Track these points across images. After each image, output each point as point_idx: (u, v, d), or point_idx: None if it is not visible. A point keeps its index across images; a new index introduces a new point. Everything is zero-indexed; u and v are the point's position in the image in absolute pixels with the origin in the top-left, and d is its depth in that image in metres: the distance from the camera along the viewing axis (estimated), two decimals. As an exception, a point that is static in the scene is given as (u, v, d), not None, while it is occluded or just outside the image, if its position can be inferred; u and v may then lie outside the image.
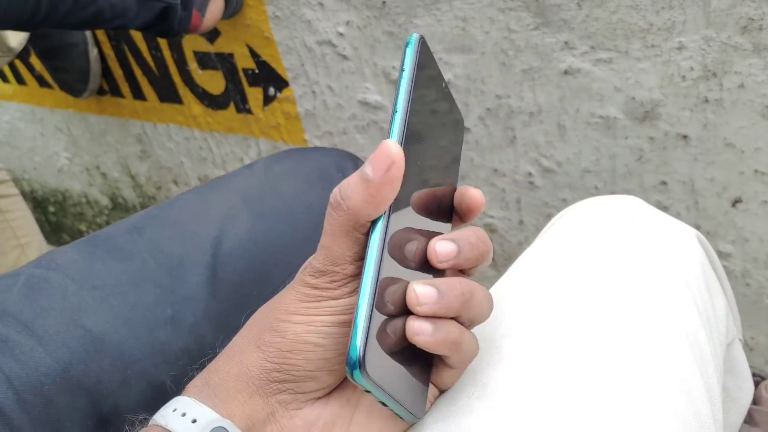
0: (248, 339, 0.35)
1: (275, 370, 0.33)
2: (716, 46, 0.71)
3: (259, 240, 0.58)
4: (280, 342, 0.33)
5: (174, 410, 0.33)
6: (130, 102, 1.28)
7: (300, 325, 0.33)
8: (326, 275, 0.33)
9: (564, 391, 0.37)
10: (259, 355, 0.33)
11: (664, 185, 0.84)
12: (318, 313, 0.33)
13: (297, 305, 0.33)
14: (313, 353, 0.33)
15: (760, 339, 0.90)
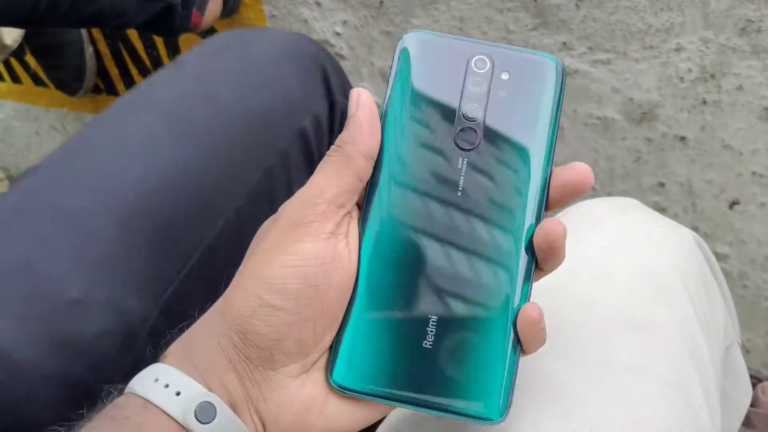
0: (219, 304, 0.32)
1: (240, 341, 0.30)
2: (714, 47, 0.71)
3: (190, 166, 0.50)
4: (243, 306, 0.30)
5: (156, 380, 0.30)
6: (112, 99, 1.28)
7: (260, 282, 0.30)
8: (302, 217, 0.30)
9: (562, 395, 0.36)
10: (226, 323, 0.30)
11: (662, 186, 0.84)
12: (283, 264, 0.30)
13: (261, 256, 0.30)
14: (274, 317, 0.29)
15: (757, 341, 0.90)
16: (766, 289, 0.85)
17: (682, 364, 0.40)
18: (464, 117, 0.33)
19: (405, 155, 0.34)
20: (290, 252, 0.30)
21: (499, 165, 0.34)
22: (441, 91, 0.34)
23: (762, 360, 0.92)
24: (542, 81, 0.33)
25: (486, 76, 0.34)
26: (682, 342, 0.41)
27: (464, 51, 0.34)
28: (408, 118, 0.34)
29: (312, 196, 0.31)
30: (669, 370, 0.39)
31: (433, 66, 0.34)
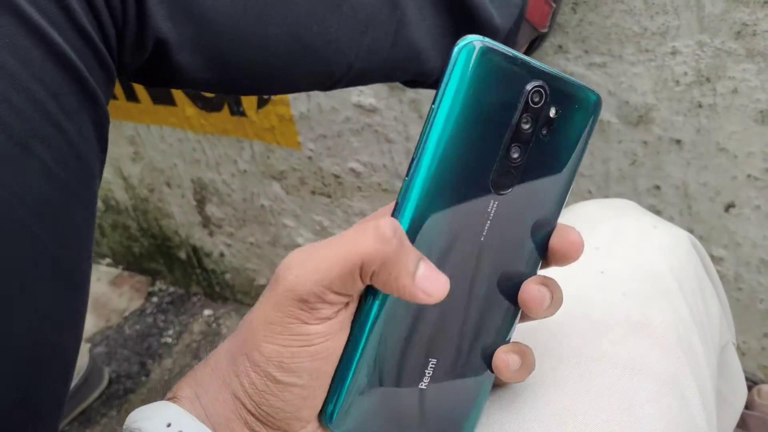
0: (230, 354, 0.31)
1: (256, 410, 0.30)
2: (710, 51, 0.71)
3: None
4: (255, 379, 0.29)
5: (168, 425, 0.29)
6: (124, 103, 1.28)
7: (270, 360, 0.29)
8: (307, 302, 0.29)
9: (558, 395, 0.36)
10: (239, 387, 0.30)
11: (658, 189, 0.84)
12: (288, 344, 0.29)
13: (266, 329, 0.29)
14: (289, 393, 0.29)
15: (752, 343, 0.91)
16: (761, 292, 0.85)
17: (678, 364, 0.40)
18: (507, 158, 0.30)
19: (439, 189, 0.30)
20: (295, 333, 0.29)
21: (524, 210, 0.32)
22: (491, 121, 0.30)
23: (757, 362, 0.92)
24: (583, 118, 0.31)
25: (538, 112, 0.30)
26: (678, 342, 0.41)
27: (524, 74, 0.30)
28: (451, 145, 0.29)
29: (319, 280, 0.28)
30: (664, 370, 0.39)
31: (490, 87, 0.29)
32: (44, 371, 0.40)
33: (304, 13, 0.48)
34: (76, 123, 0.38)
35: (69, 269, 0.40)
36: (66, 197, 0.39)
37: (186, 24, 0.43)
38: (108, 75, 0.41)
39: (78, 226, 0.40)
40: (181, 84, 0.47)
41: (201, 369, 0.32)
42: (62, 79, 0.37)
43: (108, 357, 1.45)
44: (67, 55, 0.37)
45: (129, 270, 1.70)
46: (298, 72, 0.51)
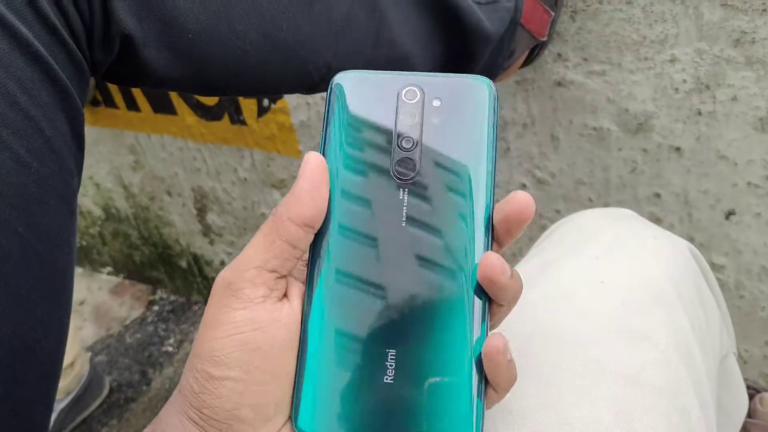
0: (181, 381, 0.31)
1: (198, 417, 0.30)
2: (709, 58, 0.71)
3: None
4: (193, 383, 0.30)
5: None
6: (124, 113, 1.28)
7: (203, 357, 0.30)
8: (232, 285, 0.30)
9: (557, 405, 0.36)
10: (183, 401, 0.30)
11: (658, 197, 0.84)
12: (216, 335, 0.30)
13: (201, 332, 0.30)
14: (223, 388, 0.29)
15: (754, 351, 0.90)
16: (762, 299, 0.85)
17: (678, 374, 0.40)
18: (400, 148, 0.33)
19: (346, 192, 0.33)
20: (223, 322, 0.30)
21: (440, 194, 0.33)
22: (375, 126, 0.34)
23: (759, 370, 0.92)
24: (474, 104, 0.34)
25: (417, 106, 0.34)
26: (677, 352, 0.41)
27: (394, 84, 0.34)
28: (345, 155, 0.34)
29: (241, 263, 0.31)
30: (664, 381, 0.39)
31: (365, 102, 0.34)
32: (29, 369, 0.39)
33: (270, 10, 0.49)
34: (48, 116, 0.39)
35: (49, 262, 0.40)
36: (41, 189, 0.39)
37: (149, 20, 0.44)
38: (79, 71, 0.41)
39: (55, 219, 0.40)
40: (154, 83, 0.48)
41: (162, 410, 0.32)
42: (32, 73, 0.37)
43: (109, 366, 1.44)
44: (36, 48, 0.37)
45: (130, 278, 1.70)
46: (272, 71, 0.52)
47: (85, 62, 0.42)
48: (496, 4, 0.67)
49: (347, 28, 0.54)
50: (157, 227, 1.50)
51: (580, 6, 0.75)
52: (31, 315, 0.39)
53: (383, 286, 0.32)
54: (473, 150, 0.34)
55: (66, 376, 1.27)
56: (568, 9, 0.76)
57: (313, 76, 0.54)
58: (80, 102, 0.42)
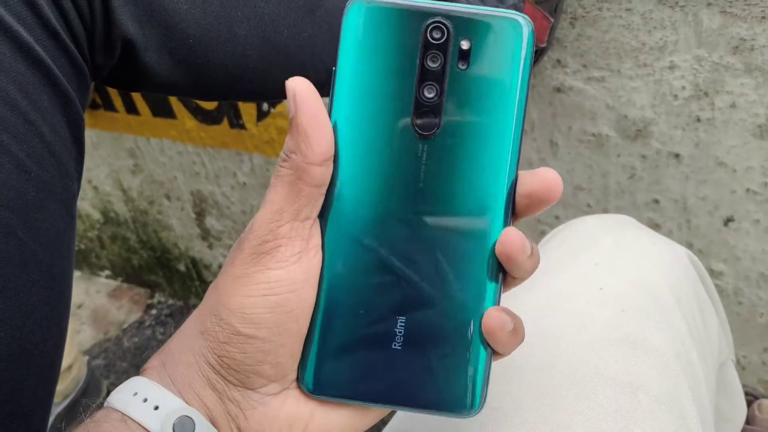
0: (194, 322, 0.31)
1: (218, 363, 0.30)
2: (708, 65, 0.71)
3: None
4: (218, 332, 0.30)
5: (134, 394, 0.30)
6: (124, 116, 1.28)
7: (233, 312, 0.29)
8: (266, 242, 0.29)
9: (556, 412, 0.36)
10: (203, 344, 0.30)
11: (657, 203, 0.84)
12: (249, 293, 0.29)
13: (230, 284, 0.30)
14: (249, 345, 0.29)
15: (753, 358, 0.90)
16: (761, 306, 0.85)
17: (676, 381, 0.40)
18: (421, 99, 0.30)
19: (360, 148, 0.30)
20: (257, 281, 0.29)
21: (462, 153, 0.30)
22: (394, 70, 0.30)
23: (758, 377, 0.92)
24: (508, 47, 0.30)
25: (444, 48, 0.30)
26: (676, 359, 0.41)
27: (418, 16, 0.30)
28: (357, 102, 0.30)
29: (272, 218, 0.29)
30: (662, 387, 0.39)
31: (383, 37, 0.30)
32: (27, 373, 0.39)
33: (270, 15, 0.49)
34: (48, 120, 0.39)
35: (48, 266, 0.40)
36: (41, 193, 0.39)
37: (151, 25, 0.44)
38: (80, 75, 0.41)
39: (55, 223, 0.40)
40: (155, 87, 0.48)
41: (170, 340, 0.32)
42: (32, 76, 0.37)
43: (106, 369, 1.44)
44: (36, 52, 0.37)
45: (128, 282, 1.70)
46: (272, 76, 0.51)
47: (86, 66, 0.42)
48: None
49: None
50: (156, 231, 1.49)
51: (580, 12, 0.75)
52: (30, 319, 0.39)
53: (396, 250, 0.31)
54: (503, 106, 0.30)
55: (63, 380, 1.26)
56: (567, 15, 0.76)
57: (312, 81, 0.55)
58: (81, 106, 0.42)
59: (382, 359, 0.32)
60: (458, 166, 0.31)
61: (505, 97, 0.30)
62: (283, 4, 0.49)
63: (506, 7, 0.69)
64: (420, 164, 0.30)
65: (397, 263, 0.31)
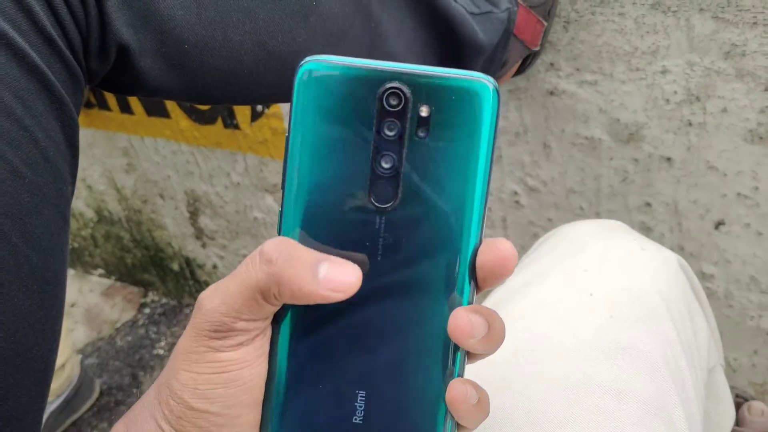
0: (156, 388, 0.31)
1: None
2: (699, 70, 0.72)
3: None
4: (173, 405, 0.29)
5: None
6: (118, 115, 1.28)
7: (186, 387, 0.29)
8: (219, 331, 0.28)
9: (544, 420, 0.37)
10: (160, 414, 0.30)
11: (648, 206, 0.84)
12: (202, 370, 0.29)
13: (183, 359, 0.29)
14: (203, 420, 0.29)
15: (743, 360, 0.91)
16: (751, 309, 0.85)
17: (664, 387, 0.40)
18: (378, 170, 0.28)
19: (315, 219, 0.29)
20: (208, 359, 0.29)
21: (422, 226, 0.29)
22: (349, 138, 0.28)
23: (748, 379, 0.93)
24: (470, 112, 0.28)
25: (401, 115, 0.28)
26: (665, 365, 0.41)
27: (373, 81, 0.28)
28: (311, 171, 0.29)
29: (227, 313, 0.28)
30: (651, 393, 0.39)
31: (338, 105, 0.28)
32: (21, 375, 0.40)
33: (265, 21, 0.49)
34: (43, 126, 0.39)
35: (41, 270, 0.40)
36: (35, 198, 0.39)
37: (146, 30, 0.44)
38: (75, 80, 0.41)
39: (49, 228, 0.40)
40: (149, 92, 0.48)
41: (135, 404, 0.32)
42: (27, 82, 0.38)
43: (99, 368, 1.44)
44: (31, 58, 0.37)
45: (121, 281, 1.70)
46: (266, 81, 0.52)
47: (81, 72, 0.42)
48: (489, 15, 0.67)
49: (342, 40, 0.54)
50: (150, 230, 1.49)
51: (573, 16, 0.76)
52: (24, 323, 0.39)
53: (354, 323, 0.30)
54: (466, 174, 0.29)
55: (56, 379, 1.26)
56: (561, 19, 0.77)
57: None
58: (75, 111, 0.42)
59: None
60: (417, 238, 0.29)
61: (468, 165, 0.28)
62: (278, 9, 0.50)
63: (500, 11, 0.69)
64: (377, 237, 0.29)
65: (355, 337, 0.30)
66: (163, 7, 0.44)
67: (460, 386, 0.29)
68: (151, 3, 0.43)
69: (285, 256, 0.27)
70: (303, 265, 0.27)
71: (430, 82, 0.28)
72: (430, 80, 0.28)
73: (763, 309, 0.85)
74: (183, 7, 0.45)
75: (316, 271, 0.27)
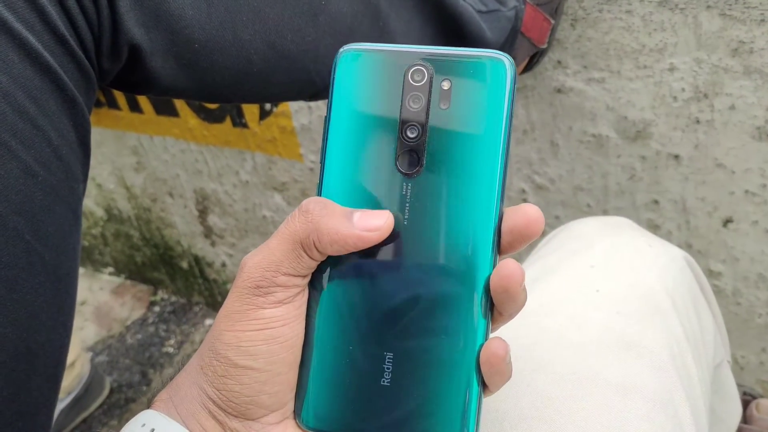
0: (198, 356, 0.32)
1: (217, 396, 0.31)
2: (707, 67, 0.72)
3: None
4: (216, 365, 0.31)
5: (143, 425, 0.31)
6: (127, 114, 1.29)
7: (231, 347, 0.30)
8: (261, 287, 0.30)
9: (550, 413, 0.37)
10: (203, 378, 0.31)
11: (656, 204, 0.84)
12: (245, 328, 0.30)
13: (227, 320, 0.31)
14: (246, 376, 0.30)
15: (751, 358, 0.91)
16: (759, 306, 0.85)
17: (671, 383, 0.40)
18: (404, 137, 0.31)
19: (350, 186, 0.32)
20: (251, 317, 0.30)
21: (447, 190, 0.31)
22: (380, 111, 0.31)
23: (755, 377, 0.92)
24: (489, 87, 0.31)
25: (425, 89, 0.31)
26: (671, 361, 0.42)
27: (400, 61, 0.31)
28: (346, 142, 0.32)
29: (268, 267, 0.30)
30: (657, 389, 0.39)
31: (371, 84, 0.32)
32: (33, 372, 0.40)
33: (275, 20, 0.49)
34: (55, 125, 0.39)
35: (53, 267, 0.41)
36: (48, 197, 0.39)
37: (157, 30, 0.44)
38: (87, 79, 0.42)
39: (61, 226, 0.41)
40: (160, 90, 0.48)
41: (178, 375, 0.34)
42: (40, 82, 0.38)
43: (110, 366, 1.45)
44: (44, 58, 0.38)
45: (131, 279, 1.71)
46: (276, 80, 0.52)
47: (93, 71, 0.42)
48: (497, 13, 0.68)
49: (350, 38, 0.54)
50: (159, 228, 1.50)
51: (581, 14, 0.76)
52: (36, 320, 0.40)
53: (383, 286, 0.31)
54: (487, 143, 0.31)
55: (67, 376, 1.27)
56: (568, 17, 0.77)
57: (316, 85, 0.55)
58: (87, 110, 0.43)
59: (371, 396, 0.32)
60: (442, 203, 0.31)
61: (488, 134, 0.31)
62: (287, 9, 0.50)
63: (507, 9, 0.69)
64: (405, 202, 0.31)
65: (383, 301, 0.32)
66: (173, 7, 0.44)
67: (500, 342, 0.30)
68: (162, 3, 0.44)
69: (321, 205, 0.30)
70: (338, 214, 0.30)
71: (451, 60, 0.31)
72: (451, 58, 0.31)
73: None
74: (193, 6, 0.45)
75: (350, 217, 0.30)
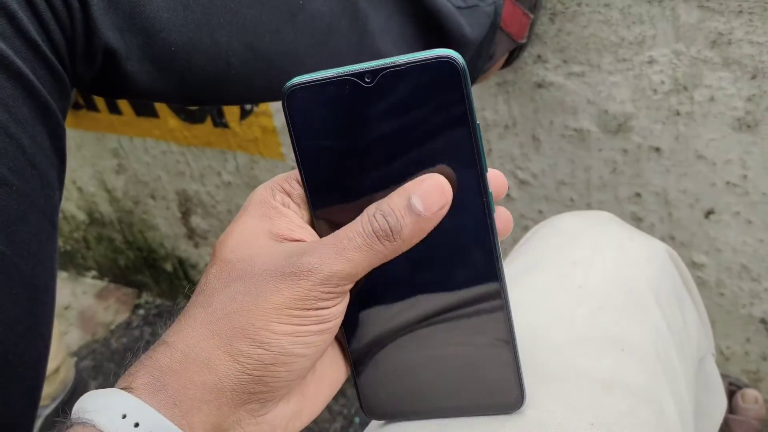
0: (216, 344, 0.31)
1: (254, 382, 0.31)
2: (686, 60, 0.72)
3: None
4: (263, 354, 0.30)
5: (123, 416, 0.28)
6: (106, 116, 1.27)
7: (285, 336, 0.30)
8: (326, 286, 0.31)
9: (533, 411, 0.37)
10: (236, 367, 0.30)
11: (638, 197, 0.84)
12: (304, 323, 0.31)
13: (280, 313, 0.30)
14: (297, 364, 0.31)
15: (736, 348, 0.91)
16: (742, 297, 0.86)
17: (655, 377, 0.40)
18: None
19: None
20: (313, 315, 0.31)
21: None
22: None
23: (741, 367, 0.93)
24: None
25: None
26: (655, 356, 0.41)
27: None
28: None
29: (347, 276, 0.31)
30: (641, 384, 0.39)
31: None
32: (12, 384, 0.40)
33: (252, 21, 0.49)
34: (29, 132, 0.39)
35: (30, 277, 0.40)
36: (22, 206, 0.39)
37: (131, 33, 0.43)
38: (60, 85, 0.41)
39: (37, 236, 0.40)
40: (138, 94, 0.47)
41: (163, 357, 0.31)
42: (12, 89, 0.37)
43: (94, 371, 1.44)
44: (16, 65, 0.37)
45: (115, 282, 1.69)
46: (255, 82, 0.51)
47: (67, 76, 0.42)
48: (476, 9, 0.67)
49: (330, 38, 0.54)
50: (142, 231, 1.49)
51: (559, 8, 0.76)
52: (13, 331, 0.39)
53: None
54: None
55: (51, 382, 1.26)
56: (547, 11, 0.76)
57: None
58: (61, 116, 0.42)
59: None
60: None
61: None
62: (265, 9, 0.49)
63: (486, 5, 0.69)
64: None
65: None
66: (148, 10, 0.43)
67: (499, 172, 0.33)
68: (137, 5, 0.43)
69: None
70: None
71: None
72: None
73: (754, 297, 0.85)
74: (169, 9, 0.44)
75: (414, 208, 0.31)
